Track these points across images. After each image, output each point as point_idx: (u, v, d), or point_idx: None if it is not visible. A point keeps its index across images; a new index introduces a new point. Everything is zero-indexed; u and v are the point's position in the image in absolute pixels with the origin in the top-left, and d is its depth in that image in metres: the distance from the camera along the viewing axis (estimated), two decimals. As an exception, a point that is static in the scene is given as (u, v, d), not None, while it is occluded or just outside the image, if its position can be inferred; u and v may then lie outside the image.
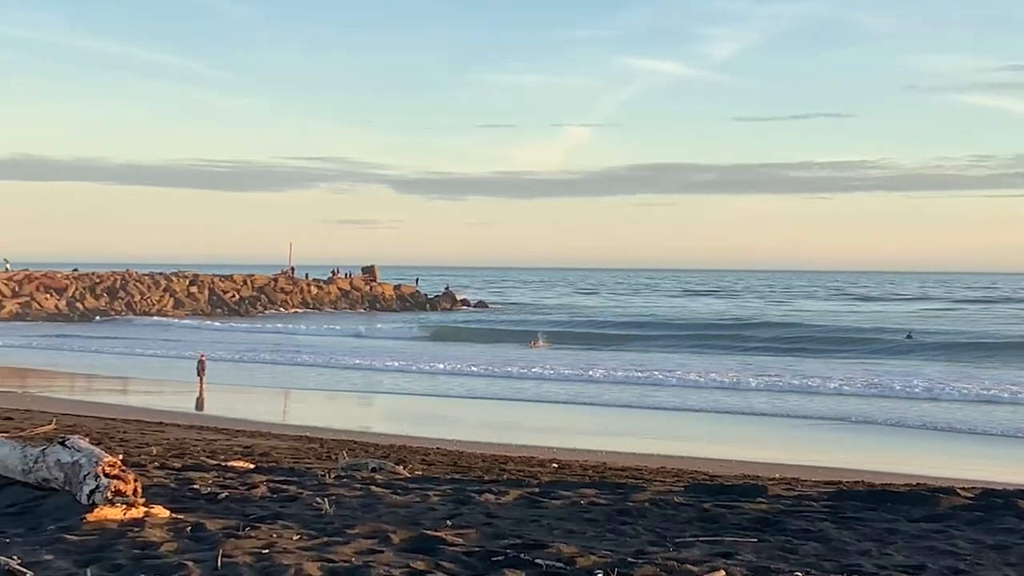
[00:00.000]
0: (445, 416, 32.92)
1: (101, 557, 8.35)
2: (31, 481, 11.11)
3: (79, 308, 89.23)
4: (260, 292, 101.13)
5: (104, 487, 9.92)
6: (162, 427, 24.61)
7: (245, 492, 11.70)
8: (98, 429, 22.20)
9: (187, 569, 7.96)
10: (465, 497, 11.96)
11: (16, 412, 25.88)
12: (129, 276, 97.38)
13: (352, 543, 9.08)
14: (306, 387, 41.63)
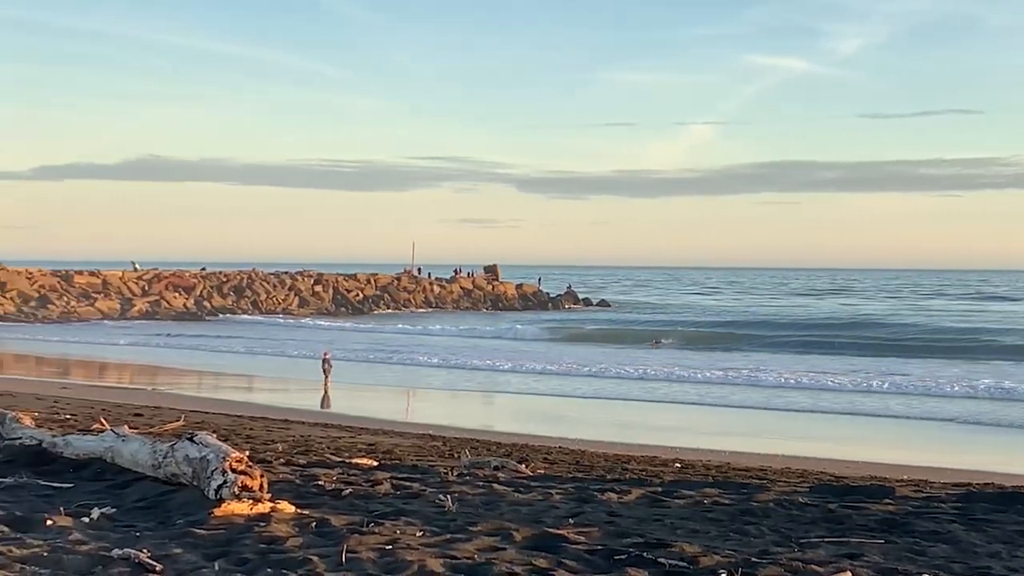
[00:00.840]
0: (567, 415, 32.87)
1: (228, 551, 8.46)
2: (160, 476, 11.30)
3: (207, 307, 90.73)
4: (383, 291, 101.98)
5: (231, 482, 10.05)
6: (287, 424, 24.89)
7: (369, 489, 11.79)
8: (225, 426, 22.53)
9: (312, 564, 8.03)
10: (587, 496, 11.93)
11: (146, 409, 26.35)
12: (255, 275, 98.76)
13: (474, 540, 9.10)
14: (429, 386, 41.84)
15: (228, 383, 42.51)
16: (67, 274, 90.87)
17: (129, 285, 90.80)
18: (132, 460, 12.05)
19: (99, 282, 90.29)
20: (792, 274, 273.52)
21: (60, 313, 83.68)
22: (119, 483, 11.63)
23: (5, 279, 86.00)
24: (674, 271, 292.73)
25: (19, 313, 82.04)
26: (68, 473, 12.38)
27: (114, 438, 12.79)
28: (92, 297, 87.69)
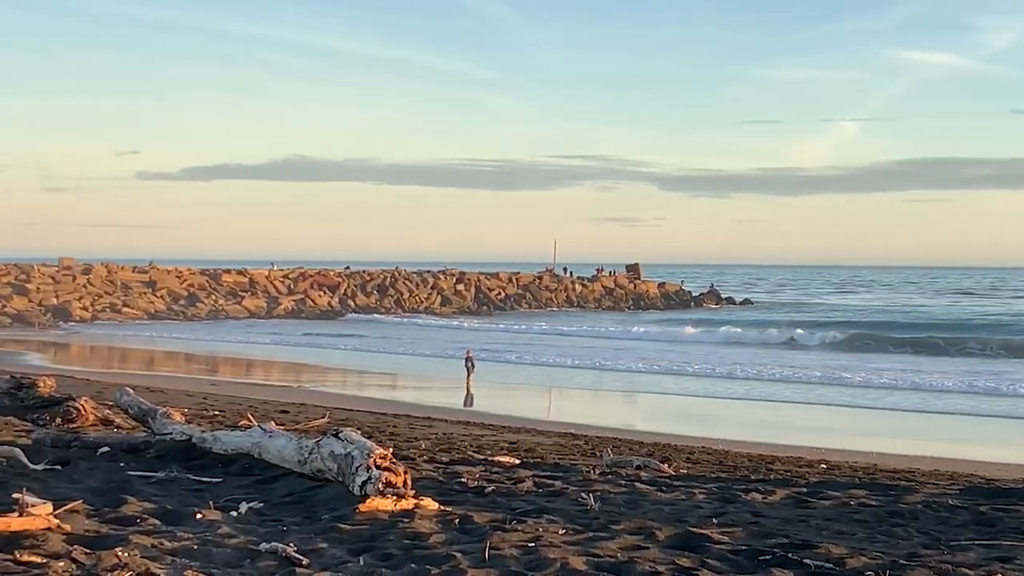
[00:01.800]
0: (709, 415, 32.61)
1: (373, 546, 8.54)
2: (306, 472, 11.46)
3: (350, 305, 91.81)
4: (525, 290, 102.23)
5: (375, 479, 10.15)
6: (430, 422, 25.06)
7: (511, 486, 11.81)
8: (369, 423, 22.76)
9: (455, 560, 8.07)
10: (731, 496, 11.81)
11: (292, 406, 26.73)
12: (398, 274, 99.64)
13: (617, 539, 9.06)
14: (570, 385, 41.82)
15: (372, 381, 42.98)
16: (215, 273, 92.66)
17: (275, 284, 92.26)
18: (279, 456, 12.24)
19: (246, 281, 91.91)
20: (941, 273, 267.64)
21: (208, 311, 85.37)
22: (266, 478, 11.81)
23: (156, 278, 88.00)
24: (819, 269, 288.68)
25: (169, 311, 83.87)
26: (217, 468, 12.61)
27: (261, 434, 12.99)
28: (239, 296, 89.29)
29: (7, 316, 75.83)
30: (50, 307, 79.51)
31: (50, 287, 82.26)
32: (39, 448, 13.83)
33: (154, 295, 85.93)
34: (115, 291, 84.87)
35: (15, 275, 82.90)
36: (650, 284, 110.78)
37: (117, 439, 14.90)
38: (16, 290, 79.98)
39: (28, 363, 44.35)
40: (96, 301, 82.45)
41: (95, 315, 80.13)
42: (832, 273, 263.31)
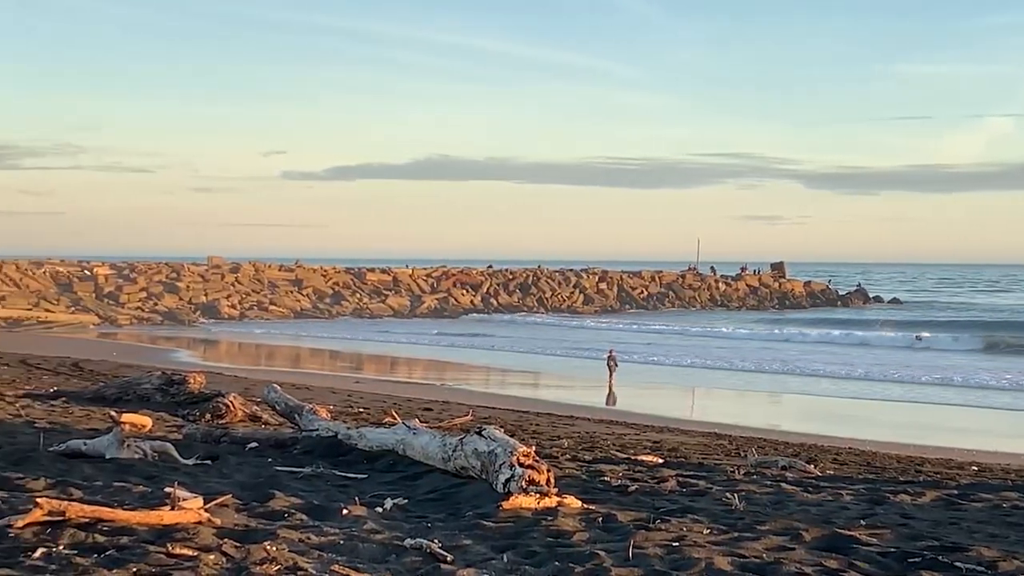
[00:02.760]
0: (855, 416, 32.12)
1: (516, 544, 8.55)
2: (450, 469, 11.52)
3: (493, 304, 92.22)
4: (668, 289, 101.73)
5: (519, 476, 10.16)
6: (573, 420, 25.05)
7: (654, 485, 11.75)
8: (511, 421, 22.82)
9: (599, 558, 8.04)
10: (879, 497, 11.61)
11: (435, 403, 26.92)
12: (540, 273, 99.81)
13: (763, 539, 8.96)
14: (713, 384, 41.50)
15: (514, 379, 43.13)
16: (359, 271, 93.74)
17: (418, 282, 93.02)
18: (423, 453, 12.32)
19: (389, 279, 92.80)
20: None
21: (353, 309, 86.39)
22: (410, 475, 11.90)
23: (302, 276, 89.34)
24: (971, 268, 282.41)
25: (314, 309, 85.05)
26: (362, 464, 12.74)
27: (405, 431, 13.10)
28: (383, 294, 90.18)
29: (158, 314, 77.58)
30: (199, 305, 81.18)
31: (199, 285, 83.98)
32: (190, 443, 14.12)
33: (300, 293, 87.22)
34: (262, 289, 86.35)
35: (166, 273, 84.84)
36: (795, 283, 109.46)
37: (265, 435, 15.15)
38: (167, 288, 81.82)
39: (179, 360, 45.32)
40: (244, 299, 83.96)
41: (243, 313, 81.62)
42: (984, 272, 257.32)
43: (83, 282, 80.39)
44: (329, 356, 53.11)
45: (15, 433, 14.09)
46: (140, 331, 69.74)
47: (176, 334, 65.96)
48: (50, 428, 14.95)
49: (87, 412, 17.80)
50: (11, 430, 14.33)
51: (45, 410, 17.70)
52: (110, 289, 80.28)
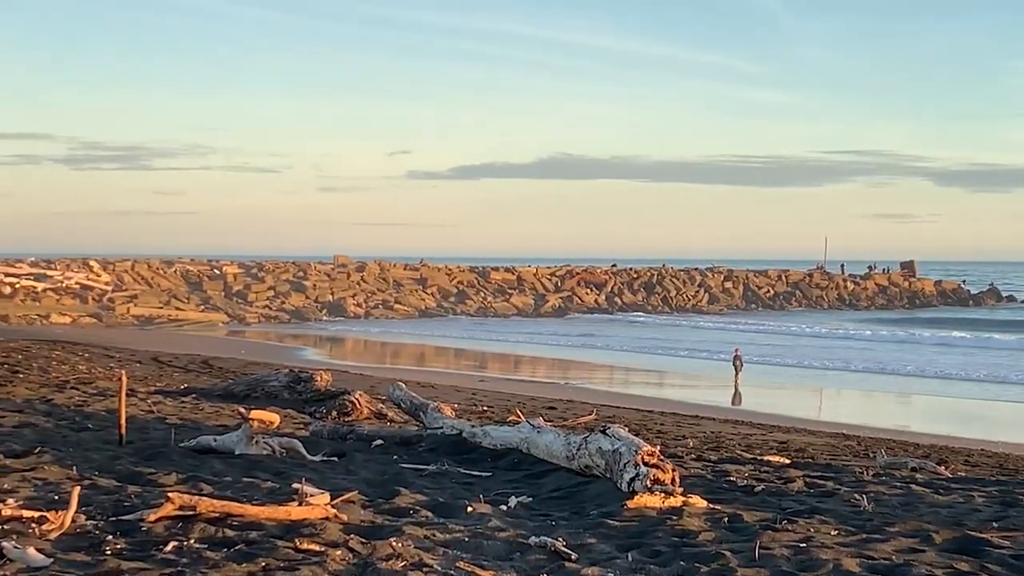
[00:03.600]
0: (987, 417, 31.55)
1: (641, 543, 8.51)
2: (574, 467, 11.51)
3: (617, 303, 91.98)
4: (795, 288, 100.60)
5: (643, 475, 10.12)
6: (698, 420, 24.89)
7: (781, 486, 11.62)
8: (636, 420, 22.74)
9: (724, 559, 7.97)
10: (1012, 499, 11.35)
11: (559, 402, 26.93)
12: (665, 272, 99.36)
13: (892, 541, 8.81)
14: (841, 385, 40.99)
15: (638, 379, 42.98)
16: (483, 270, 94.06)
17: (542, 281, 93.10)
18: (547, 451, 12.32)
19: (513, 278, 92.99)
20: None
21: (477, 308, 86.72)
22: (534, 473, 11.91)
23: (427, 275, 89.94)
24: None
25: (439, 308, 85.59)
26: (486, 462, 12.78)
27: (530, 429, 13.11)
28: (507, 293, 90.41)
29: (285, 312, 78.64)
30: (325, 303, 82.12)
31: (326, 284, 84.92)
32: (316, 440, 14.27)
33: (424, 292, 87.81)
34: (387, 288, 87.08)
35: (293, 272, 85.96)
36: (926, 282, 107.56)
37: (390, 432, 15.26)
38: (294, 287, 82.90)
39: (305, 358, 45.88)
40: (369, 298, 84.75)
41: (368, 311, 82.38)
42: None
43: (213, 281, 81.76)
44: (453, 355, 53.40)
45: (147, 429, 14.37)
46: (267, 329, 70.80)
47: (303, 332, 66.80)
48: (181, 424, 15.22)
49: (217, 409, 18.09)
50: (143, 426, 14.61)
51: (176, 407, 18.02)
52: (239, 288, 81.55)
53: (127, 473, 10.61)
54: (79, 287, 75.98)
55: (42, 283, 75.23)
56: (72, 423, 14.52)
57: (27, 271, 77.44)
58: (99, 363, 29.69)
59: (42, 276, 76.52)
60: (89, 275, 78.42)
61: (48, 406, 16.24)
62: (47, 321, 68.91)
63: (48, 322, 68.68)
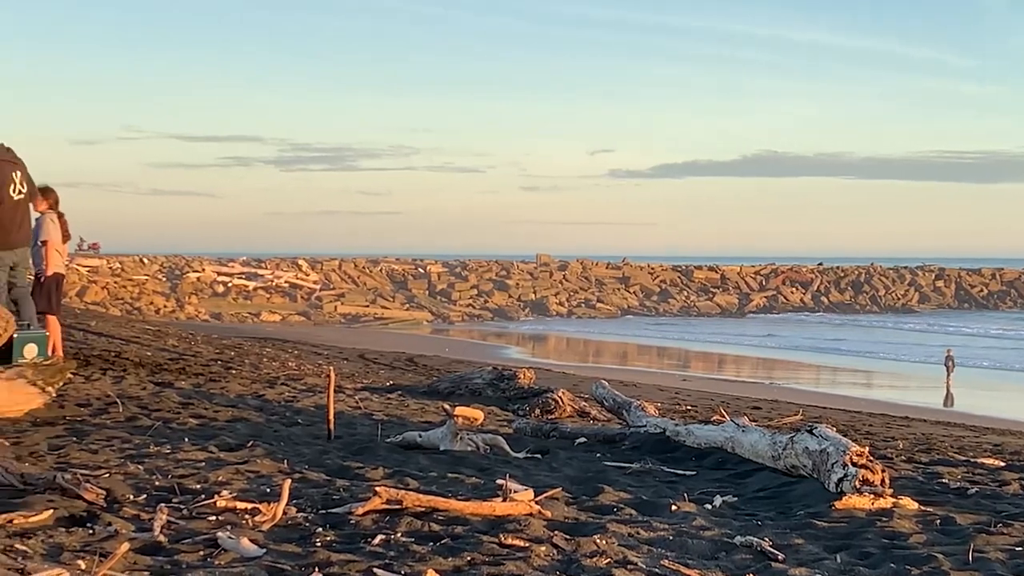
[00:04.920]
0: None
1: (850, 544, 8.34)
2: (780, 467, 11.34)
3: (823, 302, 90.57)
4: (1009, 287, 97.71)
5: (852, 476, 9.92)
6: (908, 422, 24.33)
7: (995, 489, 11.27)
8: (843, 421, 22.33)
9: (936, 561, 7.77)
10: None
11: (763, 402, 26.63)
12: (873, 270, 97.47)
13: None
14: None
15: (844, 379, 42.25)
16: (686, 269, 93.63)
17: (746, 280, 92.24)
18: (752, 450, 12.17)
19: (717, 277, 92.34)
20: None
21: (680, 307, 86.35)
22: (739, 472, 11.77)
23: (629, 274, 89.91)
24: None
25: (641, 307, 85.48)
26: (690, 461, 12.67)
27: (734, 429, 12.96)
28: (711, 292, 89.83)
29: (488, 311, 79.46)
30: (528, 302, 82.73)
31: (528, 283, 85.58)
32: (520, 437, 14.34)
33: (627, 291, 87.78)
34: (589, 287, 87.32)
35: (496, 271, 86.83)
36: None
37: (593, 430, 15.25)
38: (497, 286, 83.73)
39: (508, 356, 46.25)
40: (571, 296, 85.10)
41: (570, 310, 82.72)
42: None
43: (417, 280, 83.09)
44: (656, 353, 53.24)
45: (355, 424, 14.62)
46: (471, 327, 71.64)
47: (505, 330, 67.40)
48: (387, 420, 15.45)
49: (422, 405, 18.32)
50: (351, 421, 14.88)
51: (382, 403, 18.31)
52: (443, 287, 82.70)
53: (336, 467, 10.82)
54: (288, 286, 78.06)
55: (253, 282, 77.51)
56: (282, 418, 14.86)
57: (239, 270, 79.90)
58: (308, 360, 30.39)
59: (253, 275, 78.84)
60: (298, 274, 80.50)
61: (260, 401, 16.66)
62: (258, 319, 70.97)
63: (259, 320, 70.72)
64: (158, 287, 74.77)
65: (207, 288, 75.97)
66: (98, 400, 14.91)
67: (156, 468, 10.02)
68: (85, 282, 71.88)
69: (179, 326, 49.83)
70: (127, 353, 23.46)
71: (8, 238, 17.40)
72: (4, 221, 17.33)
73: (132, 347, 26.56)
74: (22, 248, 17.66)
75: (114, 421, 13.22)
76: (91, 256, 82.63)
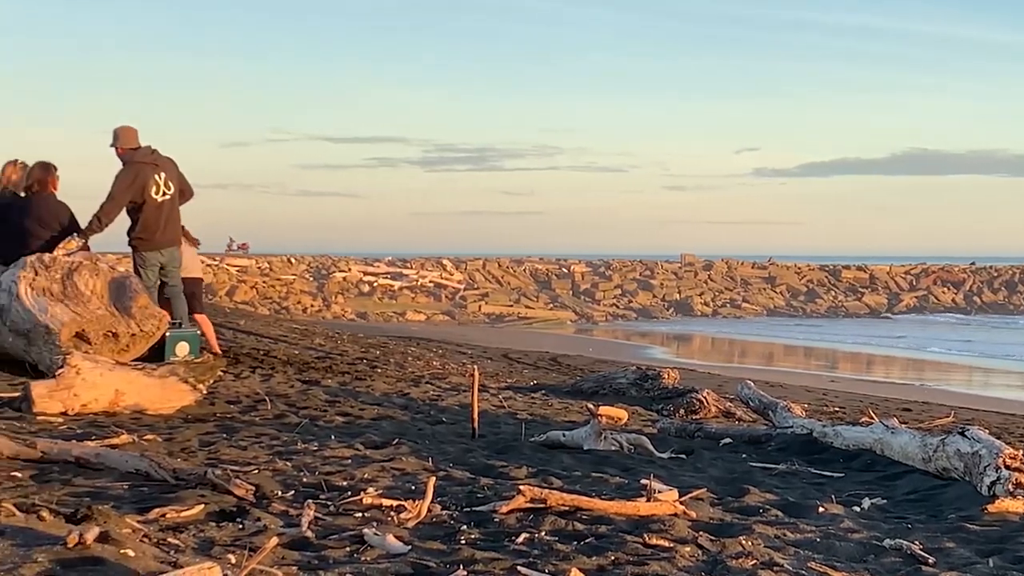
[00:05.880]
0: None
1: (1003, 548, 8.17)
2: (930, 470, 11.14)
3: (976, 302, 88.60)
4: None
5: (1005, 479, 9.73)
6: (1063, 424, 23.68)
7: None
8: (996, 423, 21.79)
9: (1095, 568, 7.55)
10: None
11: (914, 404, 26.13)
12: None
13: None
14: None
15: (998, 380, 41.25)
16: (834, 269, 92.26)
17: (896, 280, 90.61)
18: (901, 452, 11.96)
19: (866, 277, 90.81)
20: None
21: (827, 308, 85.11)
22: (888, 475, 11.58)
23: (775, 274, 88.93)
24: None
25: (787, 307, 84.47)
26: (837, 463, 12.49)
27: (883, 430, 12.75)
28: (859, 292, 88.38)
29: (632, 311, 79.22)
30: (672, 302, 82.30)
31: (672, 283, 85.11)
32: (664, 437, 14.28)
33: (773, 291, 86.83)
34: (735, 287, 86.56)
35: (640, 271, 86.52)
36: None
37: (738, 431, 15.12)
38: (641, 286, 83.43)
39: (652, 356, 46.03)
40: (716, 296, 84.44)
41: (715, 310, 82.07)
42: None
43: (561, 280, 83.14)
44: (803, 354, 52.56)
45: (498, 423, 14.69)
46: (614, 327, 71.47)
47: (649, 330, 67.09)
48: (531, 420, 15.50)
49: (565, 405, 18.34)
50: (495, 420, 14.95)
51: (526, 402, 18.37)
52: (586, 287, 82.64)
53: (479, 465, 10.87)
54: (433, 285, 78.66)
55: (398, 282, 78.27)
56: (427, 416, 14.99)
57: (384, 270, 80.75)
58: (452, 359, 30.59)
59: (398, 275, 79.61)
60: (442, 274, 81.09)
61: (404, 400, 16.82)
62: (403, 318, 71.64)
63: (404, 319, 71.39)
64: (305, 287, 75.82)
65: (353, 288, 76.84)
66: (247, 398, 15.19)
67: (303, 465, 10.17)
68: (234, 281, 73.16)
69: (325, 325, 50.55)
70: (275, 351, 23.86)
71: (153, 239, 17.84)
72: (148, 223, 17.78)
73: (280, 346, 26.99)
74: (169, 248, 18.06)
75: (263, 418, 13.45)
76: (240, 256, 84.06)
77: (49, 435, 10.85)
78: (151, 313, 16.38)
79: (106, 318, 15.93)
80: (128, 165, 17.61)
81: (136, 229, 17.74)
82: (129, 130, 17.78)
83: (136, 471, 9.17)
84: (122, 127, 17.78)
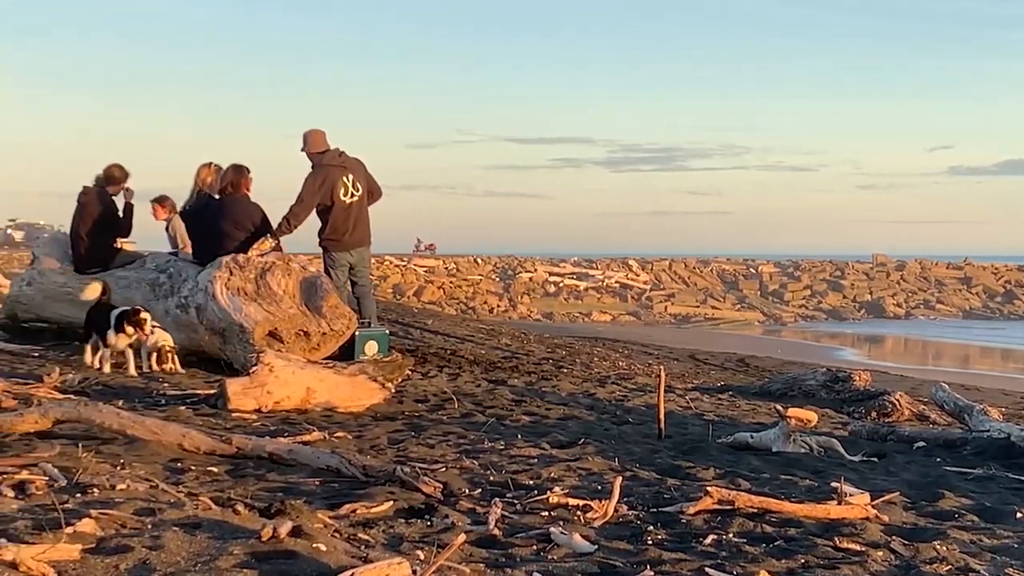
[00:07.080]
0: None
1: None
2: None
3: None
4: None
5: None
6: None
7: None
8: None
9: None
10: None
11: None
12: None
13: None
14: None
15: None
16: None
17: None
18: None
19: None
20: None
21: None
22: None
23: (971, 274, 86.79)
24: None
25: (984, 308, 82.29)
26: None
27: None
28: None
29: (821, 311, 78.03)
30: (863, 303, 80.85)
31: (863, 283, 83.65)
32: (855, 440, 14.00)
33: (969, 292, 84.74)
34: (928, 288, 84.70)
35: (830, 271, 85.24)
36: None
37: (933, 434, 14.75)
38: (831, 286, 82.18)
39: (842, 358, 45.30)
40: (909, 298, 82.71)
41: (908, 312, 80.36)
42: None
43: (748, 280, 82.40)
44: (1000, 356, 51.18)
45: (686, 424, 14.58)
46: (803, 328, 70.47)
47: (839, 332, 66.01)
48: (717, 421, 15.35)
49: (753, 406, 18.12)
50: (682, 421, 14.85)
51: (712, 403, 18.20)
52: (774, 287, 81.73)
53: (666, 466, 10.80)
54: (618, 286, 78.65)
55: (584, 282, 78.45)
56: (613, 416, 14.95)
57: (570, 271, 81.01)
58: (638, 360, 30.49)
59: (584, 275, 79.81)
60: (628, 274, 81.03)
61: (590, 400, 16.80)
62: (589, 319, 71.72)
63: (590, 319, 71.47)
64: (491, 287, 76.48)
65: (539, 288, 77.25)
66: (435, 396, 15.34)
67: (490, 463, 10.22)
68: (422, 282, 74.17)
69: (512, 325, 50.84)
70: (462, 351, 24.08)
71: (341, 240, 18.12)
72: (337, 224, 18.06)
73: (467, 345, 27.24)
74: (358, 249, 18.33)
75: (450, 417, 13.56)
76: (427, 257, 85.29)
77: (244, 431, 11.10)
78: (341, 312, 16.66)
79: (298, 317, 16.27)
80: (317, 168, 17.92)
81: (326, 230, 18.06)
82: (318, 133, 18.11)
83: (327, 467, 9.33)
84: (311, 131, 18.12)
